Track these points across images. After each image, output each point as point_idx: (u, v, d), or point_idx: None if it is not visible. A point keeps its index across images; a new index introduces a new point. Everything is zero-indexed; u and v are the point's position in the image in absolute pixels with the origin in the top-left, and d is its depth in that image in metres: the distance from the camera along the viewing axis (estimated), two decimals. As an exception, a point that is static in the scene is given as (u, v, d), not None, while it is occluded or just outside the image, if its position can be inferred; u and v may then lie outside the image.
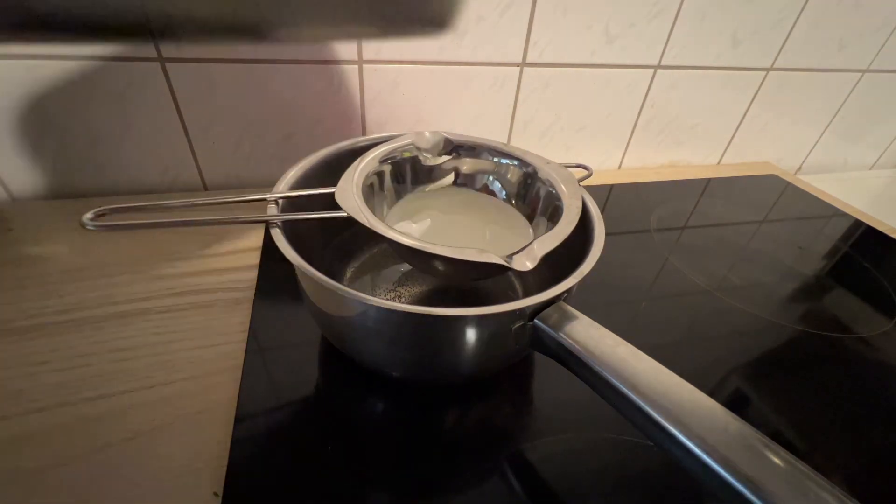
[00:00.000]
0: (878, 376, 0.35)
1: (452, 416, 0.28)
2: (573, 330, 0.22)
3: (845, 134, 0.71)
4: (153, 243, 0.38)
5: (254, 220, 0.25)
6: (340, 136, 0.48)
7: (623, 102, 0.55)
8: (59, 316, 0.31)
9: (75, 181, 0.43)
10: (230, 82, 0.42)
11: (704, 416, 0.18)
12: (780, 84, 0.60)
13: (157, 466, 0.24)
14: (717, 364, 0.34)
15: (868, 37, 0.60)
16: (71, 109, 0.39)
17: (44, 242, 0.37)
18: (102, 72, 0.38)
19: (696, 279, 0.42)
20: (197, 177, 0.46)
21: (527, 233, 0.31)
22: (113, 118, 0.41)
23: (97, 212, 0.22)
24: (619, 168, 0.62)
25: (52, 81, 0.38)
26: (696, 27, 0.52)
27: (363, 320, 0.23)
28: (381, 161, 0.31)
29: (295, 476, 0.24)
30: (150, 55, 0.38)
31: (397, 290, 0.34)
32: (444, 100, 0.49)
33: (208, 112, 0.43)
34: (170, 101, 0.41)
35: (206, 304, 0.33)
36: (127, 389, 0.27)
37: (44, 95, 0.38)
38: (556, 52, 0.49)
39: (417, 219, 0.32)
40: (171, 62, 0.39)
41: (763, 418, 0.30)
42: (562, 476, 0.25)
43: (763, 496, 0.16)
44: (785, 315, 0.39)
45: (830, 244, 0.51)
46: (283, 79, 0.43)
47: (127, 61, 0.38)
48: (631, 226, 0.49)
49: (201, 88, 0.41)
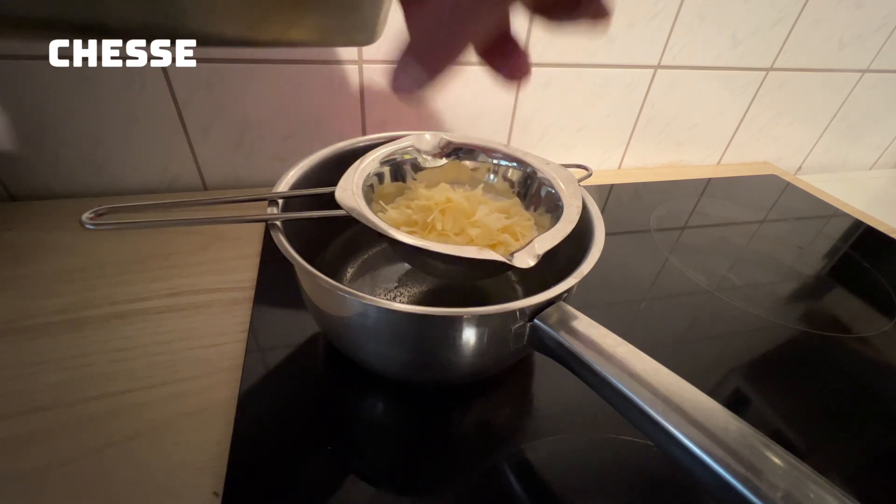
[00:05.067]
0: (878, 376, 0.35)
1: (452, 416, 0.28)
2: (573, 330, 0.22)
3: (845, 134, 0.71)
4: (153, 243, 0.38)
5: (254, 219, 0.25)
6: (340, 136, 0.48)
7: (623, 102, 0.55)
8: (59, 316, 0.31)
9: (75, 181, 0.43)
10: (230, 82, 0.42)
11: (704, 417, 0.18)
12: (779, 84, 0.60)
13: (157, 466, 0.24)
14: (717, 364, 0.34)
15: (868, 37, 0.60)
16: (71, 109, 0.39)
17: (44, 242, 0.37)
18: (102, 72, 0.38)
19: (696, 279, 0.42)
20: (197, 177, 0.46)
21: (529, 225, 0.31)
22: (113, 118, 0.41)
23: (96, 211, 0.22)
24: (619, 168, 0.62)
25: (53, 81, 0.38)
26: (696, 27, 0.52)
27: (363, 320, 0.23)
28: (382, 162, 0.31)
29: (295, 476, 0.24)
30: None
31: (397, 290, 0.34)
32: (444, 100, 0.49)
33: (208, 112, 0.43)
34: (170, 101, 0.41)
35: (206, 304, 0.33)
36: (127, 389, 0.27)
37: (44, 96, 0.38)
38: (557, 52, 0.49)
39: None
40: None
41: (763, 418, 0.30)
42: (562, 476, 0.25)
43: (763, 496, 0.16)
44: (785, 315, 0.39)
45: (830, 244, 0.51)
46: (283, 79, 0.43)
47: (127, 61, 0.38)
48: (631, 226, 0.49)
49: (201, 88, 0.41)
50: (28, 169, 0.41)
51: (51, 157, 0.41)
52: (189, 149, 0.44)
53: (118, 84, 0.39)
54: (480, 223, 0.28)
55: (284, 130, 0.46)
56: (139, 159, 0.43)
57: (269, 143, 0.46)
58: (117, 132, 0.42)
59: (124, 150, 0.43)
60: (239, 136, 0.45)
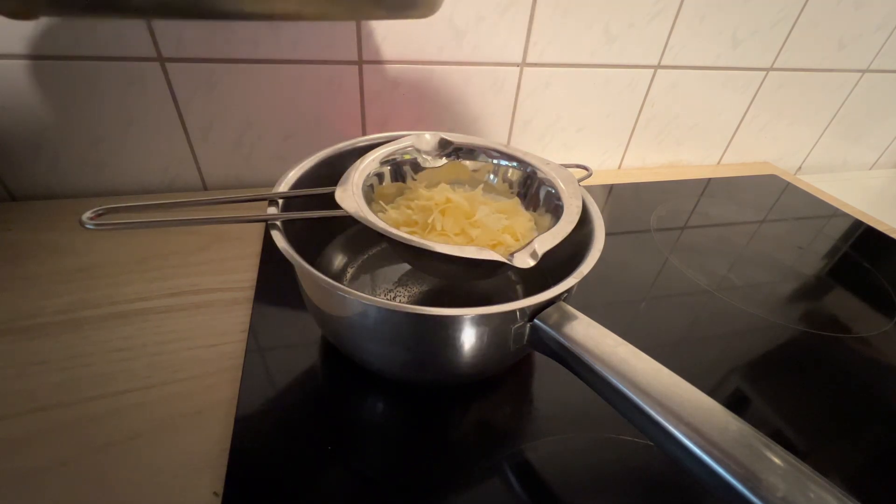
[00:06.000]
0: (878, 376, 0.35)
1: (453, 416, 0.28)
2: (573, 330, 0.22)
3: (845, 134, 0.71)
4: (153, 243, 0.38)
5: (254, 219, 0.25)
6: (340, 136, 0.48)
7: (623, 102, 0.55)
8: (59, 316, 0.31)
9: (75, 181, 0.43)
10: (230, 82, 0.42)
11: (704, 416, 0.18)
12: (780, 84, 0.60)
13: (157, 466, 0.24)
14: (717, 364, 0.34)
15: (868, 37, 0.60)
16: (71, 109, 0.39)
17: (43, 242, 0.37)
18: (102, 72, 0.38)
19: (696, 279, 0.42)
20: (197, 177, 0.46)
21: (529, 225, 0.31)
22: (113, 118, 0.41)
23: (96, 211, 0.22)
24: (619, 168, 0.62)
25: (53, 81, 0.38)
26: (696, 27, 0.52)
27: (363, 320, 0.23)
28: (382, 162, 0.31)
29: (295, 476, 0.24)
30: (150, 55, 0.39)
31: (397, 290, 0.34)
32: (444, 100, 0.49)
33: (208, 112, 0.43)
34: (170, 101, 0.41)
35: (206, 304, 0.33)
36: (127, 389, 0.27)
37: (44, 95, 0.38)
38: (557, 52, 0.49)
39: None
40: (170, 62, 0.39)
41: (763, 418, 0.30)
42: (562, 476, 0.25)
43: (763, 496, 0.16)
44: (785, 315, 0.39)
45: (830, 244, 0.51)
46: (283, 79, 0.43)
47: (127, 61, 0.38)
48: (631, 226, 0.49)
49: (201, 88, 0.41)
50: (28, 169, 0.41)
51: (51, 157, 0.41)
52: (189, 149, 0.44)
53: (118, 84, 0.39)
54: (480, 223, 0.28)
55: (284, 130, 0.46)
56: (139, 159, 0.43)
57: (269, 143, 0.46)
58: (117, 132, 0.42)
59: (124, 150, 0.43)
60: (239, 136, 0.45)
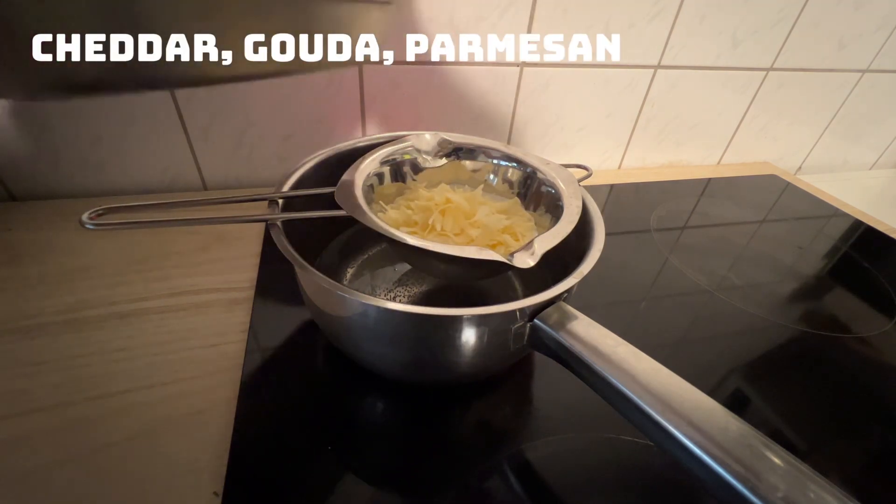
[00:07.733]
0: (878, 376, 0.35)
1: (452, 416, 0.28)
2: (573, 330, 0.22)
3: (845, 134, 0.71)
4: (153, 243, 0.38)
5: (254, 219, 0.25)
6: (340, 136, 0.48)
7: (623, 102, 0.55)
8: (59, 316, 0.31)
9: (75, 181, 0.43)
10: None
11: (704, 416, 0.18)
12: (780, 84, 0.60)
13: (157, 466, 0.24)
14: (717, 364, 0.34)
15: (868, 37, 0.60)
16: (71, 109, 0.39)
17: (43, 242, 0.37)
18: (102, 72, 0.38)
19: (696, 279, 0.42)
20: (197, 177, 0.46)
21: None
22: (113, 118, 0.41)
23: (96, 211, 0.22)
24: (619, 168, 0.62)
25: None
26: (696, 27, 0.52)
27: (363, 320, 0.23)
28: (382, 162, 0.31)
29: (295, 476, 0.24)
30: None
31: (397, 290, 0.34)
32: (444, 100, 0.49)
33: (208, 112, 0.43)
34: (170, 101, 0.41)
35: (206, 303, 0.33)
36: (127, 389, 0.27)
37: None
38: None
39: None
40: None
41: (763, 418, 0.30)
42: (562, 476, 0.25)
43: (763, 496, 0.16)
44: (785, 315, 0.39)
45: (830, 244, 0.51)
46: (283, 79, 0.43)
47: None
48: (631, 226, 0.49)
49: (201, 88, 0.41)
50: (28, 169, 0.41)
51: (51, 157, 0.41)
52: (189, 149, 0.44)
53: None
54: (481, 223, 0.28)
55: (284, 130, 0.46)
56: (139, 159, 0.43)
57: (269, 143, 0.46)
58: (117, 132, 0.41)
59: (124, 149, 0.43)
60: (239, 136, 0.45)
